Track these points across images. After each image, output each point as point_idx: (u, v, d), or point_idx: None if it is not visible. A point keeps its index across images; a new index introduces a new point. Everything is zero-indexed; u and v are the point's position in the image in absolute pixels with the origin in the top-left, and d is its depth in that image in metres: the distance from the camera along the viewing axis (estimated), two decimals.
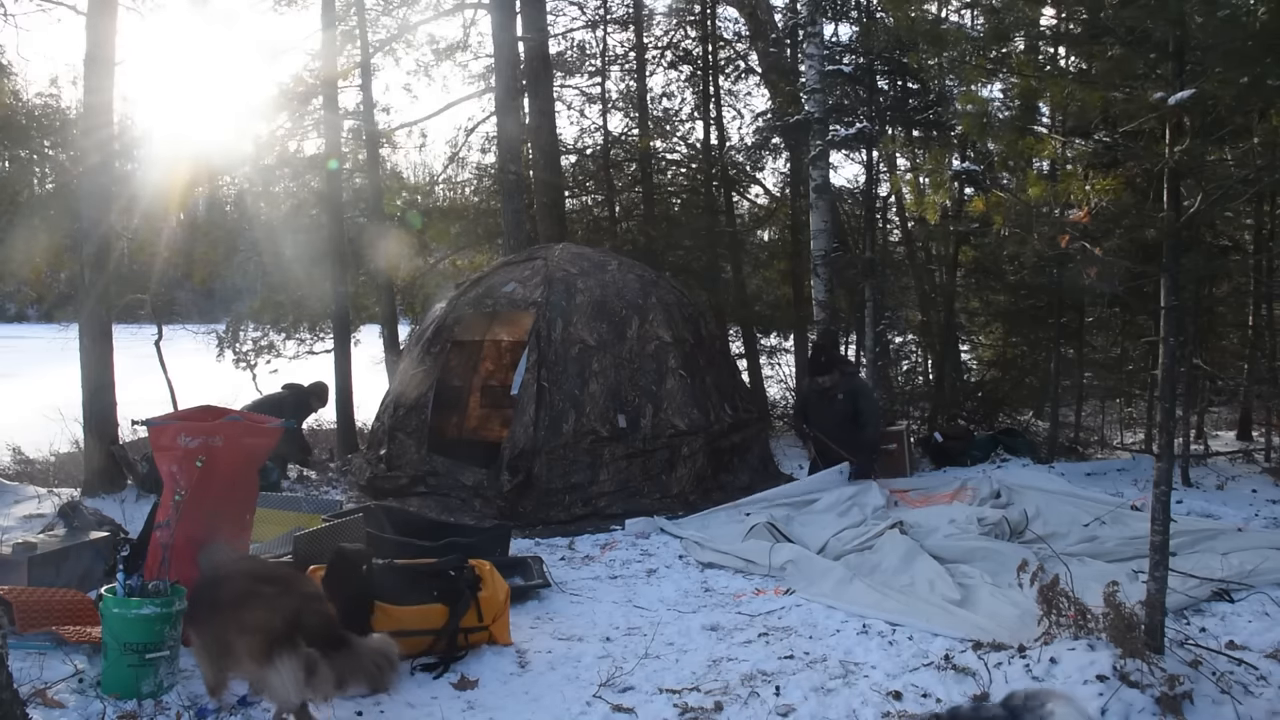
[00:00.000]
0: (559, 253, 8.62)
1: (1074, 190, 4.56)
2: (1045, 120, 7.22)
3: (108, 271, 7.65)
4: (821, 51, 10.74)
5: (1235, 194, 4.75)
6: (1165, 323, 4.13)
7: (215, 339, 12.88)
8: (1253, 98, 4.15)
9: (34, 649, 4.07)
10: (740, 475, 8.13)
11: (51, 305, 13.41)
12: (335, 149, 11.59)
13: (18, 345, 23.44)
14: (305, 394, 9.53)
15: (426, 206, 13.92)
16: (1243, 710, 3.57)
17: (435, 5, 13.24)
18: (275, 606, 3.36)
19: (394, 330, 11.76)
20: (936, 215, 11.47)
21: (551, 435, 7.42)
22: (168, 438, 4.46)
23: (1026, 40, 6.17)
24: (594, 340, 7.77)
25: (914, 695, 3.89)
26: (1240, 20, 4.27)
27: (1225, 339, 10.87)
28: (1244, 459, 9.17)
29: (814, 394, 8.49)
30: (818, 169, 10.77)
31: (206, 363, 12.42)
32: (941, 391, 11.73)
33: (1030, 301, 10.61)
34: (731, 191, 14.23)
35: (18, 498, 7.31)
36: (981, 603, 4.98)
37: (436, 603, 4.31)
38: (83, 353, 7.43)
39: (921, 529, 6.21)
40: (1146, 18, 4.11)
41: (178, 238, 11.92)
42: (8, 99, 9.27)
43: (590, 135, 14.34)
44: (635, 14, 13.81)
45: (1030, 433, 10.62)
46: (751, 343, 13.49)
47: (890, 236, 14.22)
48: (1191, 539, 5.91)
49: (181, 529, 4.34)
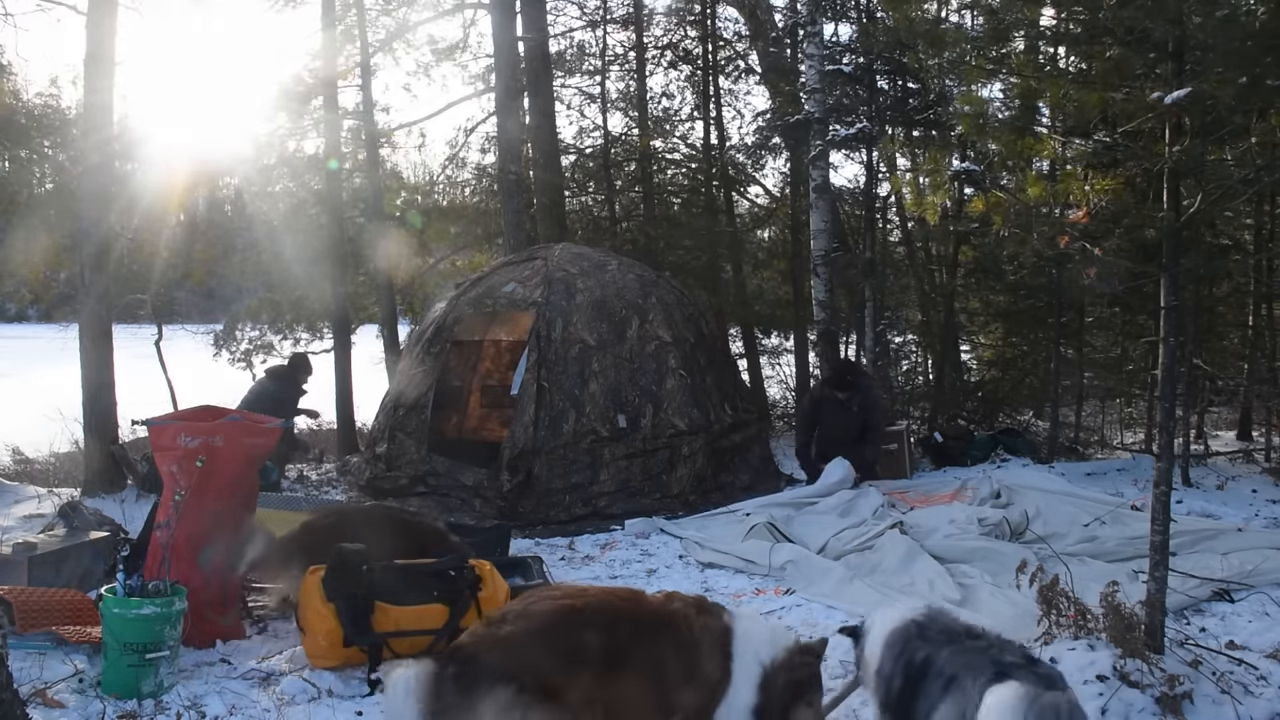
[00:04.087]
0: (559, 253, 8.62)
1: (1074, 190, 4.56)
2: (1045, 120, 7.22)
3: (107, 271, 7.65)
4: (821, 51, 10.74)
5: (1235, 194, 4.75)
6: (1165, 323, 4.13)
7: (213, 339, 12.88)
8: (1252, 98, 4.15)
9: (34, 649, 4.07)
10: (740, 475, 8.12)
11: (51, 305, 13.40)
12: (335, 149, 11.59)
13: (18, 345, 23.42)
14: (292, 372, 9.32)
15: (426, 206, 13.92)
16: (1243, 710, 3.57)
17: (435, 5, 13.25)
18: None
19: (394, 330, 11.76)
20: (936, 215, 11.46)
21: (551, 435, 7.42)
22: (168, 438, 4.46)
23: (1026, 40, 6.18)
24: (594, 340, 7.77)
25: None
26: (1239, 20, 4.28)
27: (1225, 339, 10.87)
28: (1244, 459, 9.16)
29: (826, 400, 8.49)
30: (818, 169, 10.76)
31: (206, 363, 12.42)
32: (941, 391, 11.73)
33: (1030, 301, 10.62)
34: (731, 191, 14.23)
35: (18, 498, 7.31)
36: (981, 603, 4.98)
37: (436, 603, 4.31)
38: (83, 353, 7.43)
39: (921, 529, 6.21)
40: (1145, 18, 4.11)
41: (177, 238, 11.93)
42: (8, 99, 9.27)
43: (590, 135, 14.36)
44: (635, 14, 13.82)
45: (1030, 433, 10.62)
46: (751, 343, 13.50)
47: (890, 236, 14.22)
48: (1191, 539, 5.91)
49: (181, 529, 4.34)
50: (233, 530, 4.53)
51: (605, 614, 2.94)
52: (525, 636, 2.83)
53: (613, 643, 2.87)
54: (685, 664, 2.90)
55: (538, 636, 2.84)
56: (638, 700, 2.87)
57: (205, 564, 4.39)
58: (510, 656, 2.78)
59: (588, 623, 2.89)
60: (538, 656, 2.79)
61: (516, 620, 2.91)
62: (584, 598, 3.04)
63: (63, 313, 12.16)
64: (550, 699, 2.74)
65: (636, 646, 2.89)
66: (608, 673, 2.84)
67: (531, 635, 2.83)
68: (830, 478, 7.71)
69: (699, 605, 3.07)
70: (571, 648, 2.83)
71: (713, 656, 2.91)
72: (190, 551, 4.35)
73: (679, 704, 2.86)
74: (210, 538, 4.42)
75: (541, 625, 2.87)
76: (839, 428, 8.27)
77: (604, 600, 3.07)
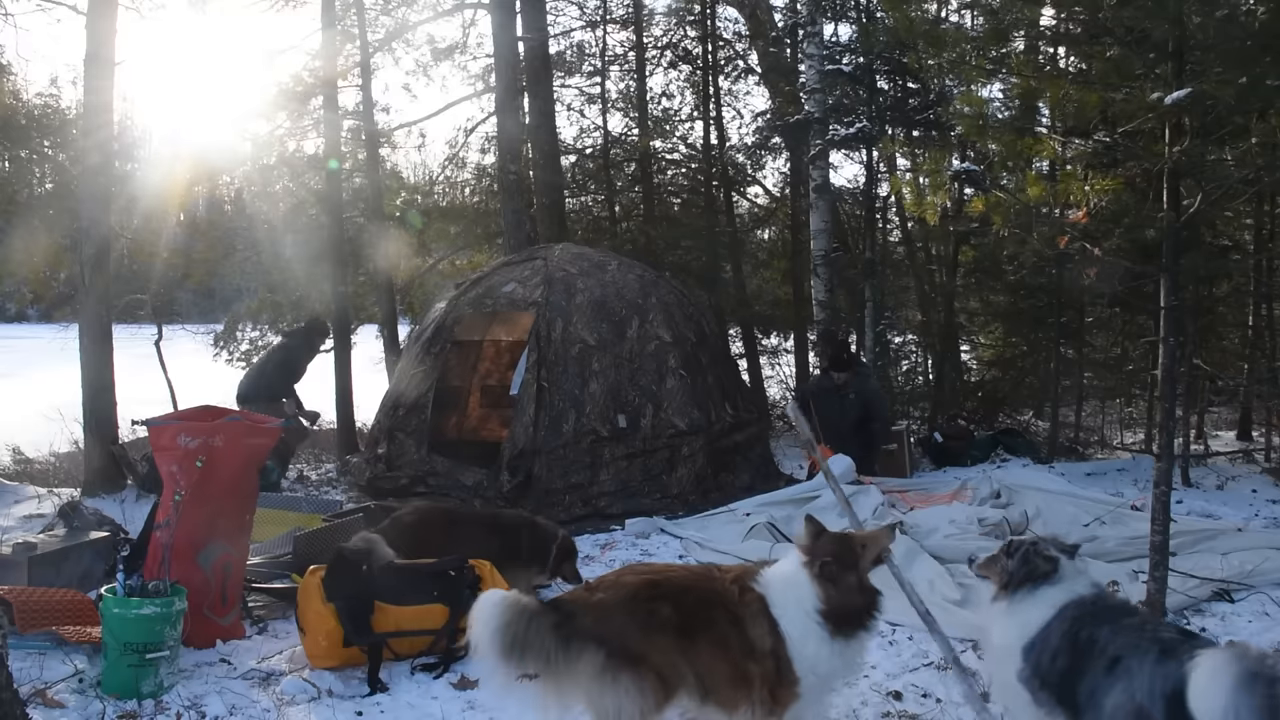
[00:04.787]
0: (559, 253, 8.62)
1: (1073, 190, 4.56)
2: (1045, 120, 7.22)
3: (107, 272, 7.65)
4: (821, 51, 10.75)
5: (1235, 194, 4.76)
6: (1165, 323, 4.13)
7: (213, 339, 12.88)
8: (1252, 98, 4.15)
9: (34, 649, 4.07)
10: (740, 475, 8.12)
11: (51, 305, 13.42)
12: (335, 149, 11.59)
13: (18, 345, 23.41)
14: (306, 334, 9.41)
15: (426, 206, 13.92)
16: None
17: (435, 5, 13.24)
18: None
19: (394, 330, 11.76)
20: (936, 215, 11.43)
21: (551, 435, 7.42)
22: (168, 438, 4.46)
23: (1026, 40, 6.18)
24: (594, 340, 7.76)
25: (914, 695, 3.90)
26: (1239, 20, 4.28)
27: (1225, 339, 10.87)
28: (1244, 459, 9.17)
29: (823, 390, 8.47)
30: (818, 169, 10.77)
31: (206, 363, 12.42)
32: (941, 391, 11.73)
33: (1030, 301, 10.62)
34: (731, 191, 14.23)
35: (18, 498, 7.32)
36: (982, 603, 4.97)
37: (436, 603, 4.31)
38: (83, 353, 7.43)
39: (921, 529, 6.21)
40: (1145, 18, 4.12)
41: (177, 238, 11.92)
42: (8, 99, 9.28)
43: (590, 135, 14.35)
44: (635, 14, 13.81)
45: (1030, 433, 10.62)
46: (751, 343, 13.49)
47: (890, 236, 14.23)
48: (1191, 539, 5.91)
49: (181, 529, 4.33)
50: (233, 530, 4.53)
51: (678, 588, 3.18)
52: (614, 604, 3.09)
53: (684, 615, 3.10)
54: (743, 638, 3.11)
55: (624, 605, 3.10)
56: (713, 669, 3.09)
57: (205, 564, 4.39)
58: (602, 622, 3.04)
59: (663, 596, 3.12)
60: (623, 624, 3.05)
61: (608, 589, 3.19)
62: (665, 573, 3.31)
63: (63, 313, 12.18)
64: (635, 664, 3.00)
65: (702, 620, 3.13)
66: (683, 642, 3.08)
67: (619, 604, 3.10)
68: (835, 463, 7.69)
69: (740, 579, 3.25)
70: (650, 618, 3.07)
71: (759, 626, 3.11)
72: (190, 551, 4.34)
73: (749, 674, 3.08)
74: (210, 538, 4.42)
75: (627, 595, 3.13)
76: (836, 416, 8.26)
77: (680, 576, 3.33)
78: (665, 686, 3.06)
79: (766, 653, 3.08)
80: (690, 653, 3.09)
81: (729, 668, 3.10)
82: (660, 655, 3.05)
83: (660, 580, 3.22)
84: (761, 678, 3.08)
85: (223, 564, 4.46)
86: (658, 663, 3.04)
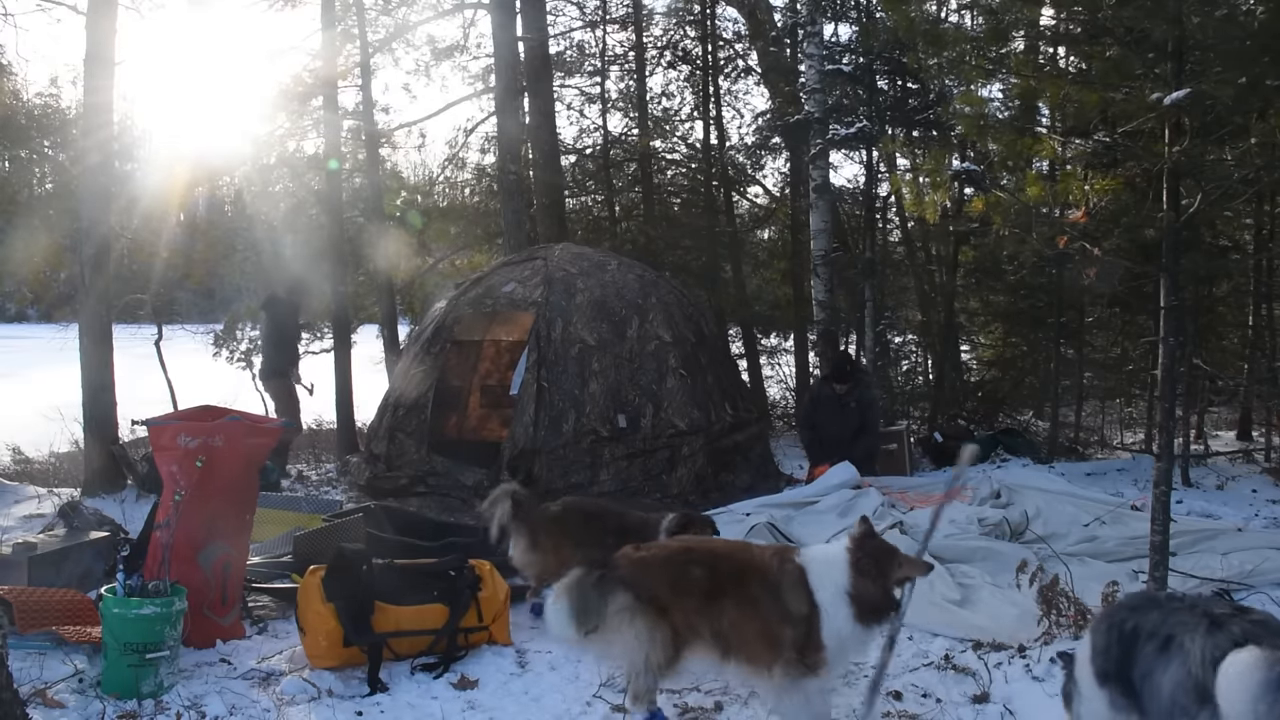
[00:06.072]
0: (559, 253, 8.62)
1: (1073, 190, 4.56)
2: (1044, 120, 7.22)
3: (107, 271, 7.65)
4: (821, 51, 10.75)
5: (1235, 194, 4.76)
6: (1165, 323, 4.13)
7: (213, 339, 12.88)
8: (1251, 98, 4.15)
9: (34, 649, 4.07)
10: (741, 476, 8.12)
11: (51, 305, 13.40)
12: (335, 149, 11.59)
13: (18, 345, 23.43)
14: (289, 298, 9.77)
15: (426, 206, 13.93)
16: None
17: (435, 5, 13.25)
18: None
19: (394, 330, 11.76)
20: (936, 215, 11.45)
21: (551, 435, 7.42)
22: (168, 438, 4.46)
23: (1026, 40, 6.18)
24: (594, 340, 7.76)
25: (914, 695, 3.89)
26: (1239, 20, 4.28)
27: (1225, 339, 10.87)
28: (1244, 459, 9.16)
29: (826, 399, 8.50)
30: (818, 169, 10.77)
31: (206, 363, 12.42)
32: (941, 391, 11.73)
33: (1030, 301, 10.62)
34: (731, 191, 14.23)
35: (18, 498, 7.32)
36: (981, 603, 4.98)
37: (436, 603, 4.31)
38: (83, 353, 7.43)
39: (921, 529, 6.20)
40: (1145, 18, 4.12)
41: (177, 238, 11.92)
42: (8, 99, 9.28)
43: (590, 135, 14.37)
44: (635, 14, 13.82)
45: (1030, 433, 10.62)
46: (751, 343, 13.49)
47: (890, 236, 14.23)
48: (1191, 539, 5.90)
49: (181, 529, 4.33)
50: (233, 530, 4.53)
51: (711, 556, 3.59)
52: (651, 560, 3.54)
53: (714, 579, 3.47)
54: (776, 603, 3.42)
55: (659, 562, 3.54)
56: (741, 631, 3.41)
57: (205, 564, 4.39)
58: (637, 573, 3.46)
59: (697, 560, 3.53)
60: (656, 578, 3.45)
61: (651, 550, 3.69)
62: (706, 544, 3.86)
63: (63, 313, 12.16)
64: (656, 613, 3.38)
65: (733, 585, 3.46)
66: (708, 604, 3.43)
67: (656, 560, 3.55)
68: (831, 480, 7.70)
69: (781, 553, 3.61)
70: (680, 578, 3.46)
71: (796, 594, 3.41)
72: (190, 551, 4.34)
73: (781, 637, 3.37)
74: (210, 538, 4.42)
75: (665, 556, 3.60)
76: (837, 426, 8.29)
77: (719, 546, 3.90)
78: (677, 641, 3.40)
79: (801, 618, 3.38)
80: (713, 614, 3.42)
81: (760, 629, 3.39)
82: (680, 612, 3.41)
83: (697, 547, 3.68)
84: (792, 641, 3.36)
85: (223, 564, 4.46)
86: (676, 618, 3.40)
